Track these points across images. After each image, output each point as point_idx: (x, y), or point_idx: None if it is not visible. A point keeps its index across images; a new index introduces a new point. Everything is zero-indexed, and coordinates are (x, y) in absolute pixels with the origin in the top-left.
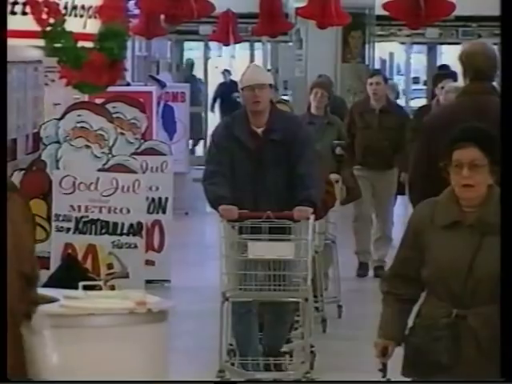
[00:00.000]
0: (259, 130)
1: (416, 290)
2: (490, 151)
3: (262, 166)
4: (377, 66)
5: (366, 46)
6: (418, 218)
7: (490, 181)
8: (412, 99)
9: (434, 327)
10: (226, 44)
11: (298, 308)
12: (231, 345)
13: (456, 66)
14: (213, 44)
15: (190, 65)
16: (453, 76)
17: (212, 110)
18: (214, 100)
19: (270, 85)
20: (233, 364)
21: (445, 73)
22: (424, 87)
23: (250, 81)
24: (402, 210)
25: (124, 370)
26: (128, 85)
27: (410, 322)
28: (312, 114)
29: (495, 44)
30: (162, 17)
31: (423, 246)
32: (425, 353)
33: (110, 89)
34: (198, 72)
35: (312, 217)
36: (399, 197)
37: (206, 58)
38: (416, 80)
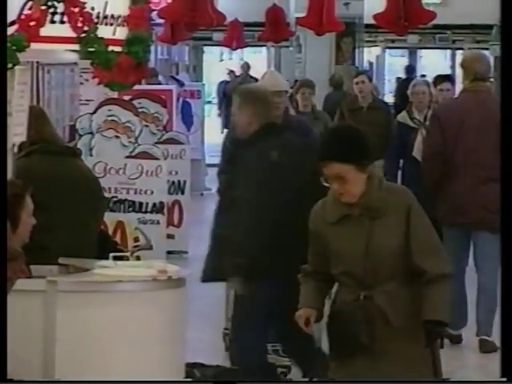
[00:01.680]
0: None
1: (330, 276)
2: (352, 159)
3: None
4: (365, 67)
5: (356, 50)
6: (313, 220)
7: (363, 177)
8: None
9: (347, 311)
10: (233, 48)
11: None
12: None
13: (432, 68)
14: (225, 49)
15: None
16: (450, 79)
17: (220, 107)
18: (224, 96)
19: (287, 91)
20: None
21: (444, 75)
22: None
23: (271, 87)
24: None
25: (148, 328)
26: (159, 83)
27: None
28: (300, 111)
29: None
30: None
31: (323, 242)
32: (344, 336)
33: (136, 87)
34: (212, 73)
35: None
36: None
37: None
38: (399, 80)
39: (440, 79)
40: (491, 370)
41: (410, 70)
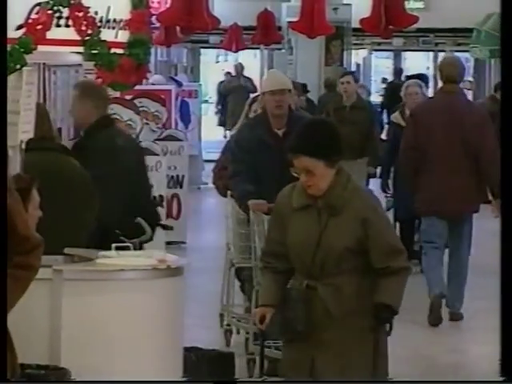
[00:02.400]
0: (280, 132)
1: (288, 263)
2: (321, 155)
3: (282, 165)
4: (353, 69)
5: (344, 52)
6: (280, 201)
7: (331, 172)
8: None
9: (289, 298)
10: (234, 51)
11: None
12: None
13: (416, 69)
14: (220, 51)
15: None
16: (424, 79)
17: (218, 105)
18: (221, 96)
19: (289, 90)
20: None
21: (416, 76)
22: None
23: (272, 86)
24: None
25: (148, 314)
26: (180, 84)
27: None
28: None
29: (457, 51)
30: (178, 28)
31: (284, 225)
32: (285, 321)
33: (137, 87)
34: (209, 74)
35: None
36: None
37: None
38: (384, 80)
39: (411, 79)
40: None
41: (398, 71)
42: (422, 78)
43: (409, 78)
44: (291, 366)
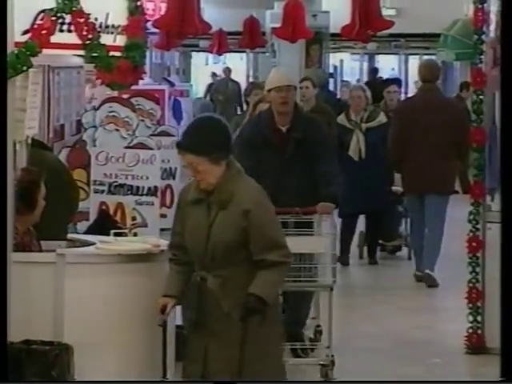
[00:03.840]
0: (284, 128)
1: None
2: (204, 152)
3: (285, 162)
4: (331, 70)
5: (323, 55)
6: (181, 194)
7: (217, 167)
8: None
9: (188, 289)
10: (219, 54)
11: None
12: None
13: (388, 71)
14: (210, 54)
15: None
16: (397, 82)
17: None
18: (205, 97)
19: (295, 87)
20: None
21: (392, 79)
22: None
23: (277, 82)
24: None
25: (143, 294)
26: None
27: None
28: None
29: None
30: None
31: (183, 218)
32: (185, 311)
33: (134, 87)
34: (199, 75)
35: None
36: None
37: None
38: (358, 80)
39: (388, 82)
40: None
41: (374, 71)
42: (397, 81)
43: (386, 81)
44: (189, 355)
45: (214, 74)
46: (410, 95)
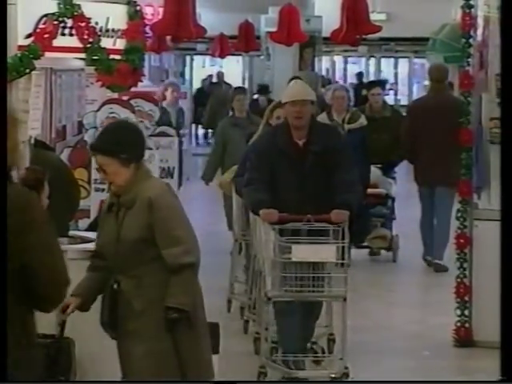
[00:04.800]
0: (300, 142)
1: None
2: (113, 154)
3: (302, 176)
4: (323, 73)
5: (316, 58)
6: (102, 205)
7: (126, 170)
8: None
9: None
10: (222, 57)
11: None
12: (274, 342)
13: (378, 73)
14: (206, 57)
15: None
16: (382, 84)
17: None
18: (203, 92)
19: (312, 101)
20: (274, 361)
21: (376, 81)
22: None
23: (293, 96)
24: None
25: None
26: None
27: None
28: (237, 116)
29: (416, 58)
30: (168, 37)
31: (101, 226)
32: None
33: (133, 89)
34: (196, 77)
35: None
36: None
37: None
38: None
39: (372, 85)
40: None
41: (360, 75)
42: (382, 82)
43: (370, 83)
44: (118, 356)
45: (209, 76)
46: (399, 96)
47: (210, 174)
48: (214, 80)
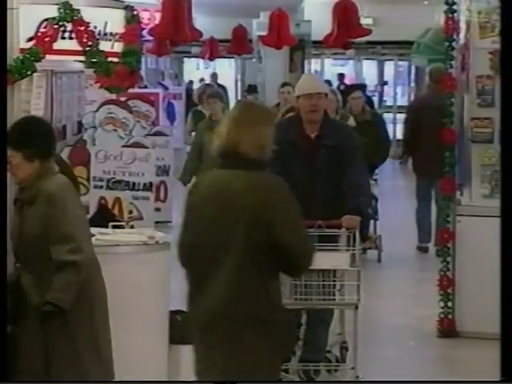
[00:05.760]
0: (312, 135)
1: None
2: (18, 148)
3: (313, 170)
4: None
5: (305, 61)
6: None
7: (29, 164)
8: None
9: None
10: (210, 59)
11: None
12: None
13: (365, 76)
14: (200, 59)
15: None
16: (362, 87)
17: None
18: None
19: (326, 94)
20: (286, 371)
21: (356, 85)
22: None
23: (307, 89)
24: None
25: (140, 282)
26: (146, 87)
27: None
28: (213, 120)
29: (401, 60)
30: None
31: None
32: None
33: (130, 90)
34: (191, 79)
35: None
36: None
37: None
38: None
39: (352, 89)
40: None
41: (341, 76)
42: (360, 87)
43: (351, 87)
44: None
45: (202, 80)
46: (385, 98)
47: (188, 176)
48: (208, 81)
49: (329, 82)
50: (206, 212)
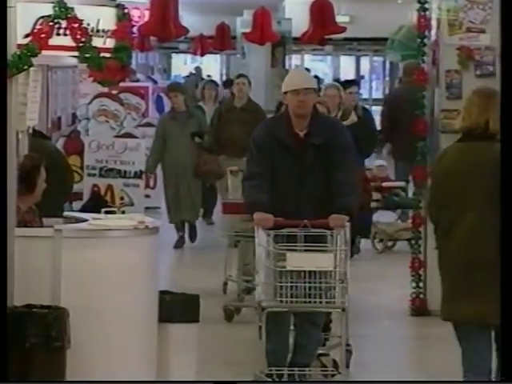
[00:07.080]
0: (301, 133)
1: None
2: None
3: (302, 168)
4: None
5: (286, 57)
6: None
7: None
8: None
9: None
10: (201, 55)
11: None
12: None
13: (342, 70)
14: (187, 55)
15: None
16: (357, 83)
17: None
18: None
19: (314, 89)
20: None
21: (351, 80)
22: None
23: (295, 85)
24: None
25: (130, 265)
26: (138, 80)
27: None
28: (176, 111)
29: (375, 56)
30: (153, 38)
31: None
32: None
33: (122, 84)
34: (178, 73)
35: (348, 225)
36: None
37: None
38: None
39: (348, 84)
40: None
41: (316, 78)
42: (356, 82)
43: (346, 82)
44: None
45: (191, 73)
46: (361, 91)
47: (152, 167)
48: (191, 72)
49: (317, 77)
50: (454, 179)
